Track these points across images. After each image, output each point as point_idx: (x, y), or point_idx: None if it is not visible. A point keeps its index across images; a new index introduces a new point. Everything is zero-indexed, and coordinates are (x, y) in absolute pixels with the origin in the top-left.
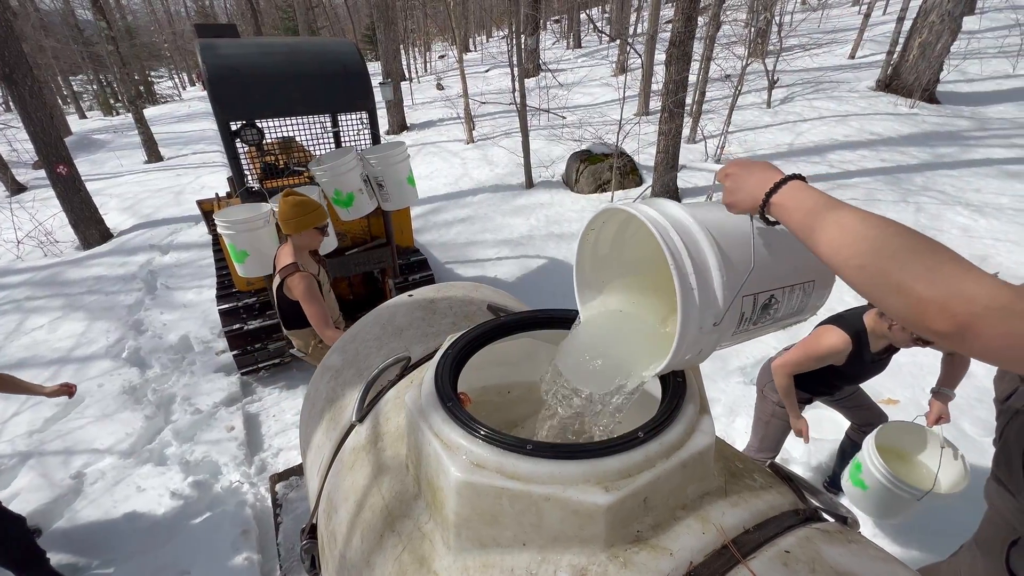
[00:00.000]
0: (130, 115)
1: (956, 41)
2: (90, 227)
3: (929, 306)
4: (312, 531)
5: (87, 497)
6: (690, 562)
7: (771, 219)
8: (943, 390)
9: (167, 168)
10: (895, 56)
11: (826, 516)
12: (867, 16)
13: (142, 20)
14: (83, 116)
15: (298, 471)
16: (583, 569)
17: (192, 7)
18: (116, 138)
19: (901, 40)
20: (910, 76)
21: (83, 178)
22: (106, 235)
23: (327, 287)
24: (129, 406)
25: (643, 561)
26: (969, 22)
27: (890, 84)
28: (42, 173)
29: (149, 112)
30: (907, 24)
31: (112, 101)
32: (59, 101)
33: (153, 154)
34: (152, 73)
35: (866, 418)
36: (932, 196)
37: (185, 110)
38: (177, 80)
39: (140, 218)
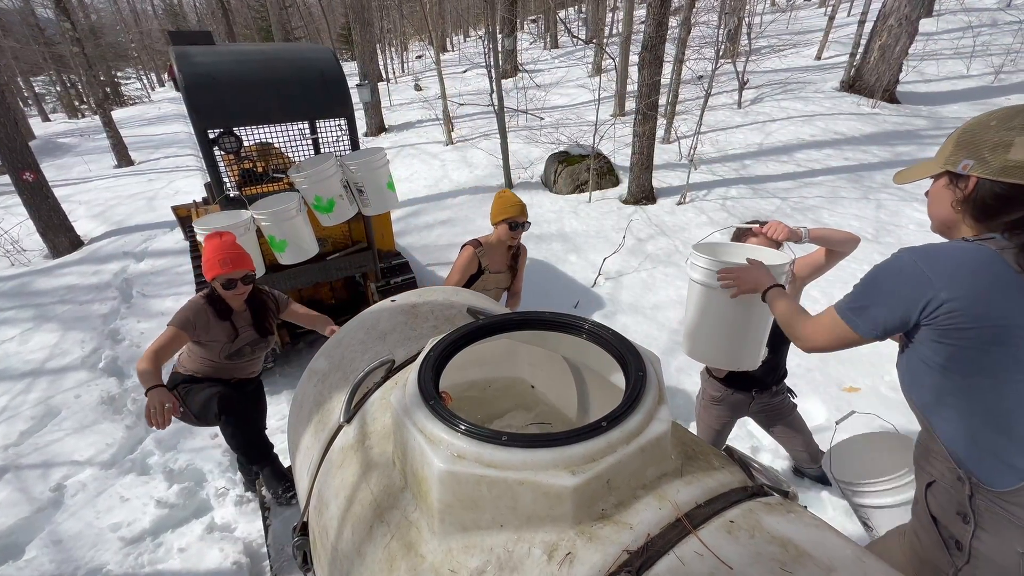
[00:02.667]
0: (96, 117)
1: (913, 43)
2: (59, 235)
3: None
4: (303, 528)
5: (68, 509)
6: (647, 534)
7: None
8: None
9: (139, 173)
10: (857, 58)
11: (771, 491)
12: (832, 18)
13: (107, 19)
14: (46, 119)
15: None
16: (554, 544)
17: (159, 5)
18: (83, 142)
19: (863, 42)
20: (871, 77)
21: (50, 184)
22: (76, 243)
23: (491, 284)
24: (108, 416)
25: (607, 535)
26: (926, 24)
27: (853, 85)
28: (5, 179)
29: (117, 114)
30: (868, 27)
31: (77, 103)
32: (20, 103)
33: (123, 158)
34: (119, 74)
35: (798, 456)
36: (891, 193)
37: (155, 112)
38: (146, 81)
39: (112, 225)
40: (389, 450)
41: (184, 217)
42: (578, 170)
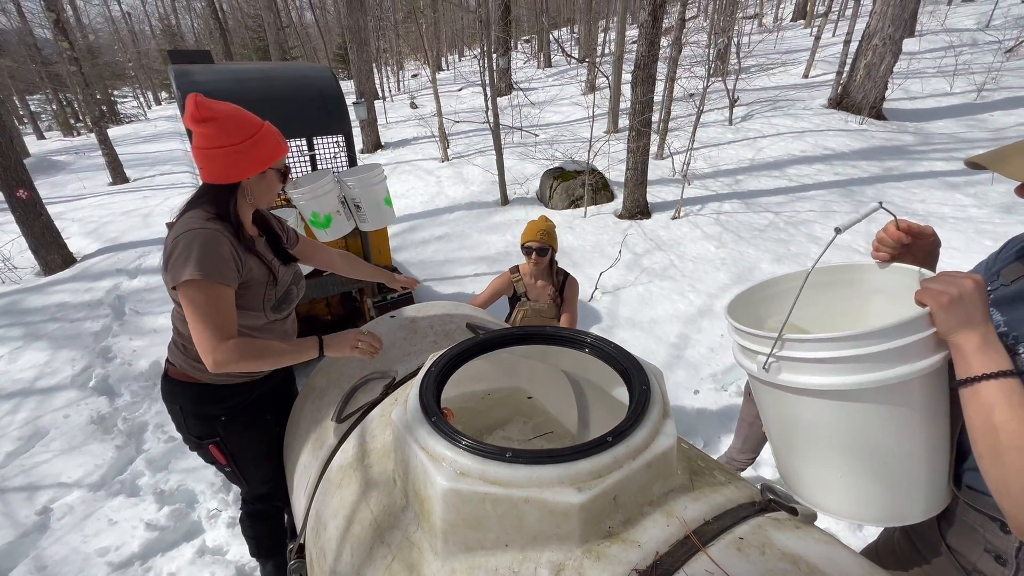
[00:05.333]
0: (92, 135)
1: (898, 62)
2: (52, 252)
3: None
4: (300, 550)
5: (54, 534)
6: (656, 552)
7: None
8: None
9: (133, 190)
10: (844, 76)
11: (779, 507)
12: (818, 39)
13: (105, 39)
14: (41, 137)
15: None
16: (561, 564)
17: (158, 26)
18: (78, 159)
19: (849, 61)
20: (858, 94)
21: (44, 201)
22: (69, 260)
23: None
24: (98, 437)
25: (614, 553)
26: (909, 44)
27: (841, 102)
28: None
29: (113, 132)
30: (853, 46)
31: (73, 121)
32: (15, 122)
33: (118, 176)
34: (115, 93)
35: None
36: (883, 208)
37: (151, 130)
38: (142, 99)
39: (105, 242)
40: (389, 468)
41: None
42: (573, 186)
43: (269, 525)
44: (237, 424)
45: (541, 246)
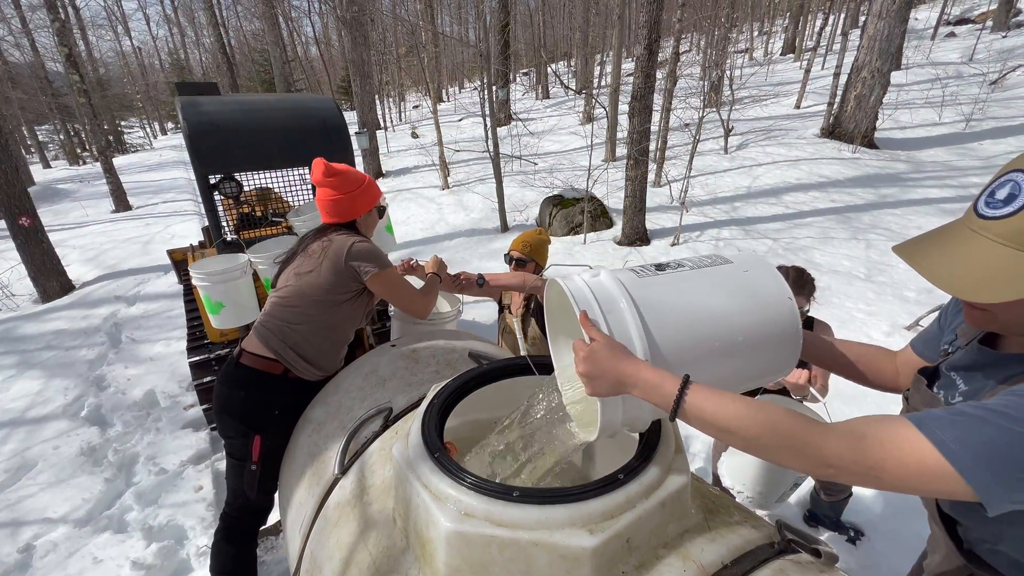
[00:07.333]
0: (97, 164)
1: (886, 94)
2: (51, 279)
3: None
4: None
5: (35, 573)
6: None
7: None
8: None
9: (136, 217)
10: (835, 107)
11: (798, 548)
12: (807, 71)
13: (115, 72)
14: (47, 165)
15: (274, 531)
16: None
17: (167, 60)
18: (82, 187)
19: (839, 93)
20: (850, 124)
21: (46, 229)
22: (67, 287)
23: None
24: (87, 469)
25: None
26: (897, 76)
27: (833, 132)
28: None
29: (119, 161)
30: (843, 79)
31: (79, 151)
32: (23, 151)
33: (122, 203)
34: (123, 123)
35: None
36: (879, 233)
37: (156, 159)
38: (148, 130)
39: (105, 269)
40: (390, 506)
41: (180, 261)
42: (572, 213)
43: (247, 550)
44: (283, 422)
45: (519, 257)
